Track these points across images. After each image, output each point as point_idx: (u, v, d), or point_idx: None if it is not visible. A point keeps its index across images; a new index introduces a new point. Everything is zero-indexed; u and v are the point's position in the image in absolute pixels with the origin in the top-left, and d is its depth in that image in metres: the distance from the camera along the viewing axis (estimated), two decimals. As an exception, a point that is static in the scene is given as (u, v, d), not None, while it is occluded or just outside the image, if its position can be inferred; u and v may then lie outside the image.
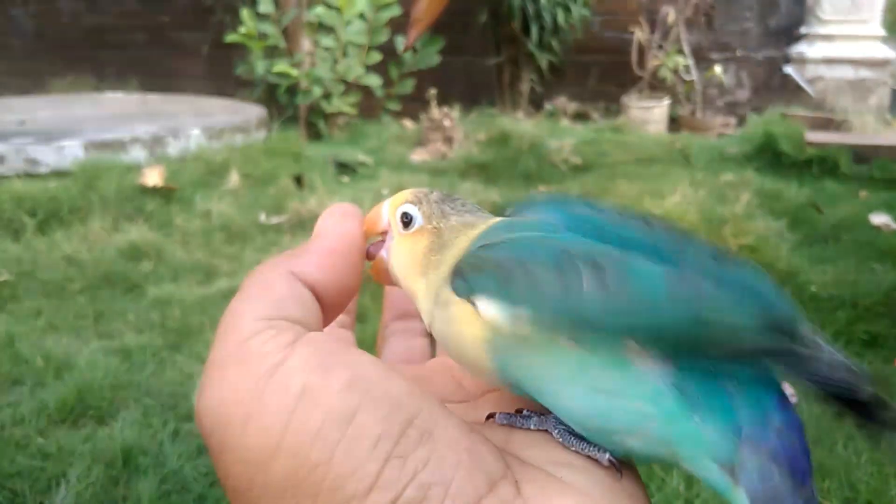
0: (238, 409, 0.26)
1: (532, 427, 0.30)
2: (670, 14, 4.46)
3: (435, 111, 3.78)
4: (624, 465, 0.29)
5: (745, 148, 3.45)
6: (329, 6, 4.01)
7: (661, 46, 4.52)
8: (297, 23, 4.06)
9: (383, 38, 4.12)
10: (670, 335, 0.26)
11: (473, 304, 0.29)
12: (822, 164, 3.18)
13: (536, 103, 4.93)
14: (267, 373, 0.26)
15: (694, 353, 0.26)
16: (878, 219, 2.52)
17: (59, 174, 2.88)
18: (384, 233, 0.36)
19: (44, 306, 2.10)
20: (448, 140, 3.73)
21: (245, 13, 3.89)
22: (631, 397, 0.27)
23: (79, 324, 2.02)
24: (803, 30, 4.61)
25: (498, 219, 0.35)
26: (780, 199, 2.71)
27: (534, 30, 4.47)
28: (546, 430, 0.30)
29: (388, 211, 0.36)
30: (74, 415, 1.57)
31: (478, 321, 0.29)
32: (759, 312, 0.26)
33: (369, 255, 0.36)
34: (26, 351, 1.82)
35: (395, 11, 4.05)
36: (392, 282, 0.36)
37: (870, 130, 3.60)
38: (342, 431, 0.25)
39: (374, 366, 0.27)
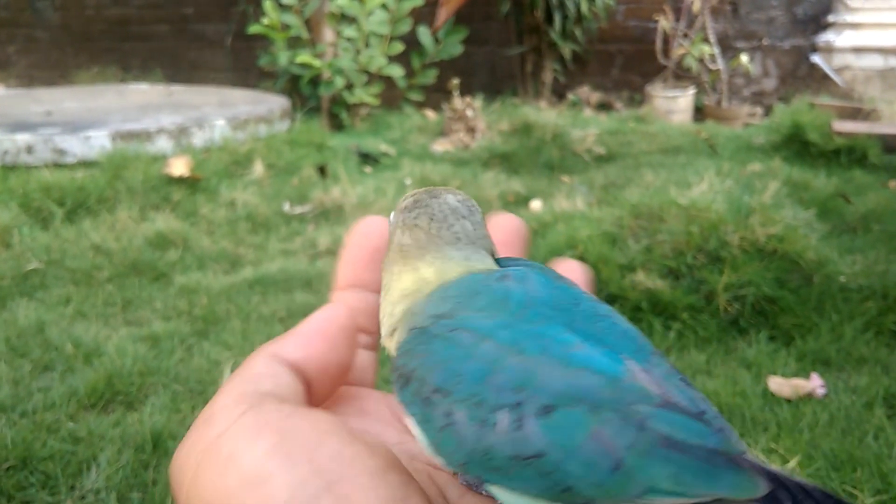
0: (184, 469, 0.28)
1: (483, 492, 0.30)
2: (695, 2, 4.40)
3: (457, 101, 3.77)
4: None
5: (773, 138, 3.40)
6: (352, -4, 4.01)
7: (685, 35, 4.47)
8: (319, 13, 4.06)
9: (405, 28, 4.12)
10: (584, 492, 0.24)
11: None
12: (850, 154, 3.14)
13: (559, 93, 4.90)
14: (212, 439, 0.28)
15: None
16: (909, 209, 2.48)
17: (86, 164, 2.91)
18: None
19: (73, 294, 2.13)
20: (470, 130, 3.72)
21: (268, 4, 3.89)
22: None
23: (107, 311, 2.05)
24: (831, 18, 4.54)
25: (467, 271, 0.32)
26: (809, 189, 2.68)
27: (557, 19, 4.43)
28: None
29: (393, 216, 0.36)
30: (104, 400, 1.59)
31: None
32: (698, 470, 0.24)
33: None
34: (56, 338, 1.84)
35: (418, 1, 4.04)
36: None
37: (900, 119, 3.54)
38: (254, 494, 0.26)
39: (311, 431, 0.27)
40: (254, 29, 3.97)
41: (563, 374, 0.25)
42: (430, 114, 4.41)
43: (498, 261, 0.34)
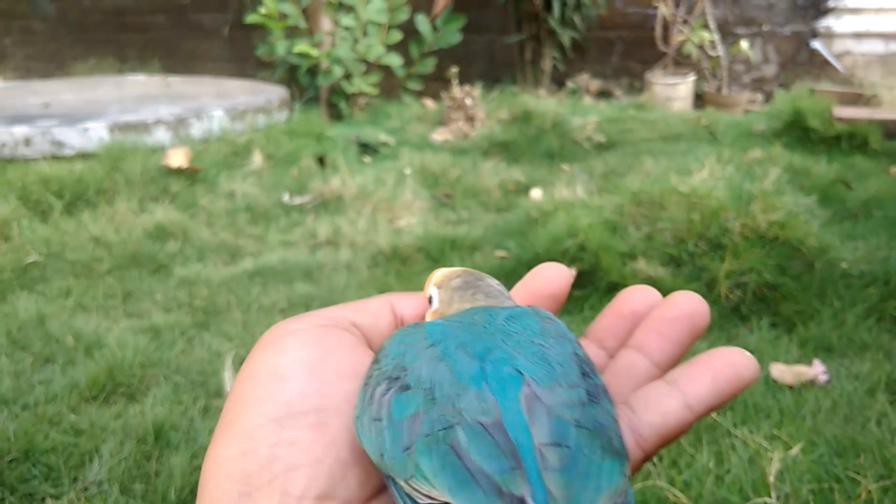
0: (256, 347, 0.36)
1: None
2: (695, -12, 4.38)
3: (456, 90, 3.75)
4: None
5: (773, 124, 3.39)
6: (349, -15, 3.98)
7: (685, 21, 4.45)
8: (317, 2, 4.04)
9: (403, 16, 4.10)
10: (387, 460, 0.29)
11: None
12: (851, 140, 3.12)
13: (559, 81, 4.88)
14: (280, 334, 0.35)
15: None
16: (910, 195, 2.47)
17: (84, 156, 2.90)
18: None
19: (73, 286, 2.12)
20: (470, 119, 3.71)
21: (265, -7, 3.87)
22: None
23: (107, 303, 2.04)
24: (831, 3, 4.52)
25: (470, 316, 0.35)
26: (810, 176, 2.67)
27: (556, 6, 4.41)
28: None
29: (430, 288, 0.40)
30: (105, 392, 1.59)
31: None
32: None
33: None
34: (57, 330, 1.84)
35: (416, -11, 4.01)
36: None
37: (901, 105, 3.53)
38: (269, 386, 0.33)
39: (349, 363, 0.34)
40: (251, 18, 3.95)
41: (434, 367, 0.30)
42: (429, 103, 4.40)
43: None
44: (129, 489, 1.30)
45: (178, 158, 2.81)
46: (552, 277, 0.40)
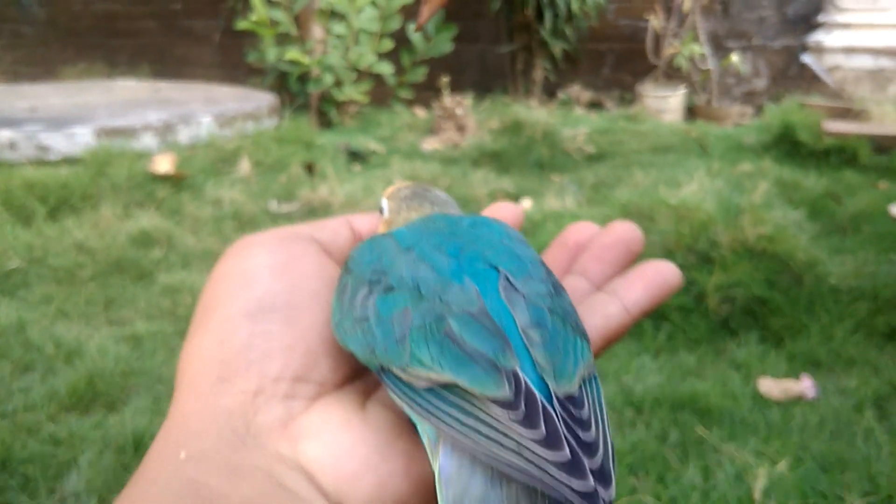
0: (226, 256, 0.39)
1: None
2: (686, 2, 4.40)
3: (447, 99, 3.74)
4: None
5: (763, 138, 3.40)
6: (341, -7, 3.98)
7: (676, 34, 4.47)
8: (308, 10, 4.03)
9: (395, 25, 4.09)
10: (378, 355, 0.31)
11: None
12: (840, 154, 3.13)
13: (550, 91, 4.89)
14: (248, 243, 0.39)
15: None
16: (899, 209, 2.47)
17: (70, 161, 2.87)
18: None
19: (54, 293, 2.09)
20: (460, 128, 3.70)
21: (256, 0, 3.86)
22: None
23: (89, 311, 2.01)
24: (821, 18, 4.54)
25: (420, 217, 0.39)
26: (799, 190, 2.67)
27: (547, 17, 4.42)
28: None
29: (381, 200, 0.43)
30: (85, 401, 1.57)
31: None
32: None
33: None
34: (37, 337, 1.81)
35: (408, -2, 4.01)
36: None
37: (889, 120, 3.54)
38: (240, 282, 0.36)
39: (313, 272, 0.38)
40: (242, 25, 3.94)
41: (415, 267, 0.32)
42: (420, 111, 4.39)
43: None
44: (106, 501, 1.28)
45: (164, 164, 2.79)
46: (507, 214, 0.45)
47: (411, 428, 0.32)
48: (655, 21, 4.43)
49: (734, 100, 4.70)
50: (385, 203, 0.42)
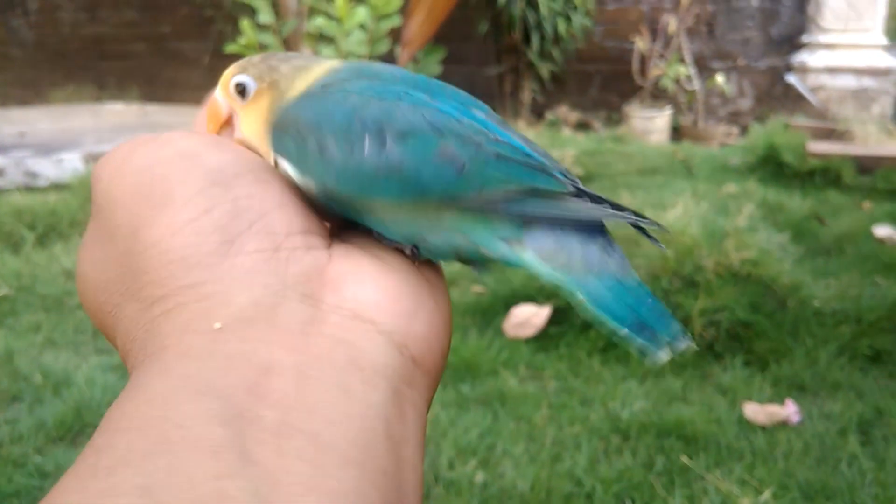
0: (119, 153, 0.33)
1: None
2: (671, 23, 4.45)
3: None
4: (429, 263, 0.34)
5: (748, 158, 3.44)
6: (329, 17, 4.01)
7: (662, 56, 4.52)
8: (297, 33, 4.05)
9: (384, 48, 4.12)
10: (432, 193, 0.32)
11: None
12: (824, 175, 3.17)
13: (538, 112, 4.93)
14: (159, 137, 0.33)
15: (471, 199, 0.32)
16: (882, 231, 2.50)
17: (58, 187, 2.87)
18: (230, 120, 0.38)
19: (43, 321, 2.09)
20: (449, 150, 3.73)
21: (245, 24, 3.88)
22: (442, 220, 0.33)
23: (78, 339, 2.01)
24: (805, 38, 4.61)
25: (338, 62, 0.37)
26: (783, 211, 2.70)
27: (535, 39, 4.46)
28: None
29: (222, 94, 0.37)
30: (73, 433, 1.56)
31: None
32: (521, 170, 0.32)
33: None
34: (25, 367, 1.81)
35: (396, 22, 4.04)
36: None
37: (872, 140, 3.59)
38: (183, 163, 0.31)
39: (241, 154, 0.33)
40: (231, 49, 3.96)
41: (416, 111, 0.32)
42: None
43: None
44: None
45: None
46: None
47: (430, 265, 0.34)
48: (641, 43, 4.48)
49: (719, 120, 4.75)
50: (244, 78, 0.36)
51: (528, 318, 1.93)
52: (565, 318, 1.93)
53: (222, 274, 0.28)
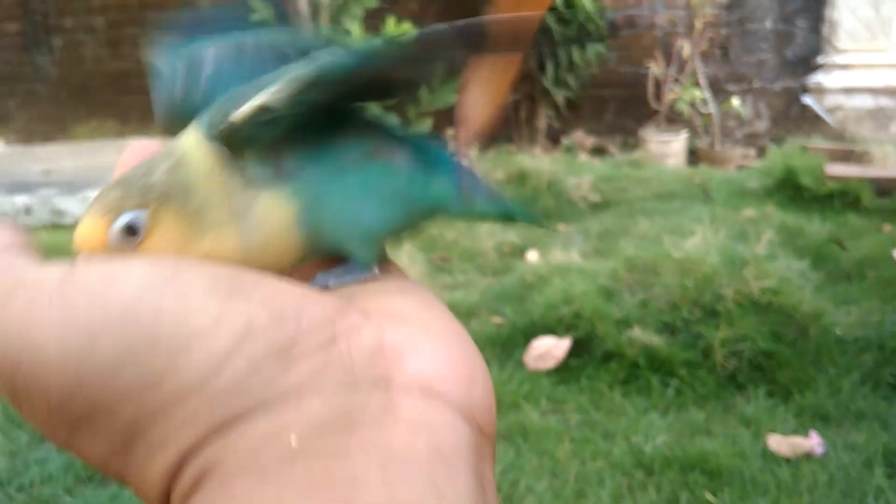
0: (40, 323, 0.24)
1: (348, 280, 0.32)
2: (685, 48, 4.48)
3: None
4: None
5: (766, 181, 3.43)
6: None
7: (677, 80, 4.54)
8: (315, 66, 4.12)
9: (400, 78, 4.18)
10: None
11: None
12: (843, 198, 3.16)
13: (554, 138, 4.95)
14: (57, 284, 0.24)
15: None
16: (903, 254, 2.49)
17: (84, 224, 2.93)
18: None
19: (70, 359, 2.12)
20: (466, 179, 3.75)
21: (265, 59, 3.96)
22: (399, 187, 0.33)
23: (104, 377, 2.04)
24: (820, 59, 4.61)
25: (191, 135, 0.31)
26: (802, 236, 2.69)
27: (549, 67, 4.50)
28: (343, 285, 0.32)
29: (95, 254, 0.28)
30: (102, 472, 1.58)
31: (282, 201, 0.30)
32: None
33: None
34: (53, 406, 1.83)
35: (412, 53, 4.10)
36: None
37: (891, 162, 3.57)
38: (164, 290, 0.24)
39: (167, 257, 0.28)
40: (250, 83, 4.03)
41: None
42: (426, 162, 4.46)
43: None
44: (122, 577, 1.29)
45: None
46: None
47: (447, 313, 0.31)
48: (656, 67, 4.51)
49: (736, 142, 4.76)
50: (129, 217, 0.28)
51: (549, 349, 1.93)
52: (586, 350, 1.93)
53: (288, 385, 0.25)
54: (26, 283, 0.25)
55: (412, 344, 0.27)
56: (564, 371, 1.90)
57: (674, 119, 4.56)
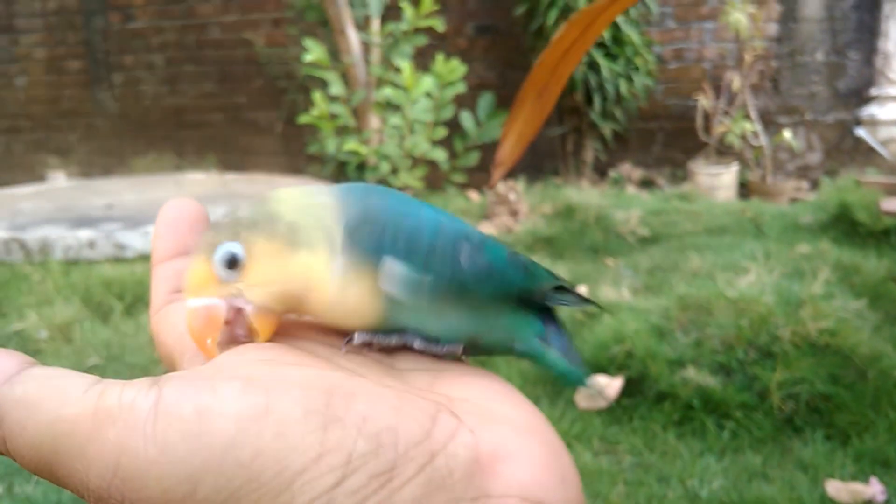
0: (137, 458, 0.24)
1: (393, 342, 0.33)
2: (735, 80, 4.45)
3: (500, 185, 3.83)
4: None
5: (820, 216, 3.38)
6: (396, 86, 4.15)
7: (726, 112, 4.51)
8: (366, 103, 4.21)
9: (448, 114, 4.24)
10: (512, 290, 0.36)
11: (376, 263, 0.32)
12: (900, 234, 3.09)
13: (601, 170, 4.95)
14: (148, 418, 0.24)
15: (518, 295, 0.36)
16: (965, 294, 2.42)
17: (144, 258, 3.03)
18: (231, 319, 0.32)
19: (131, 391, 2.19)
20: (513, 213, 3.77)
21: (317, 96, 4.06)
22: (499, 319, 0.36)
23: (164, 409, 2.10)
24: (874, 91, 4.54)
25: (315, 191, 0.34)
26: (859, 274, 2.64)
27: (596, 100, 4.52)
28: (407, 347, 0.34)
29: (209, 294, 0.31)
30: None
31: (374, 279, 0.32)
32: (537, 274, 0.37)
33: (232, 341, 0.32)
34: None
35: (461, 89, 4.16)
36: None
37: (950, 196, 3.49)
38: (261, 426, 0.24)
39: (261, 362, 0.28)
40: (304, 119, 4.13)
41: (465, 226, 0.35)
42: (474, 195, 4.49)
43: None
44: None
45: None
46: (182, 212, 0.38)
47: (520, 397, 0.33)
48: (705, 100, 4.49)
49: (789, 175, 4.69)
50: (231, 248, 0.31)
51: (601, 389, 1.93)
52: (638, 390, 1.92)
53: None
54: (113, 414, 0.25)
55: (505, 450, 0.27)
56: (616, 411, 1.90)
57: (724, 151, 4.53)
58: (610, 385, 1.94)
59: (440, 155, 4.29)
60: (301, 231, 0.32)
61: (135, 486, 0.24)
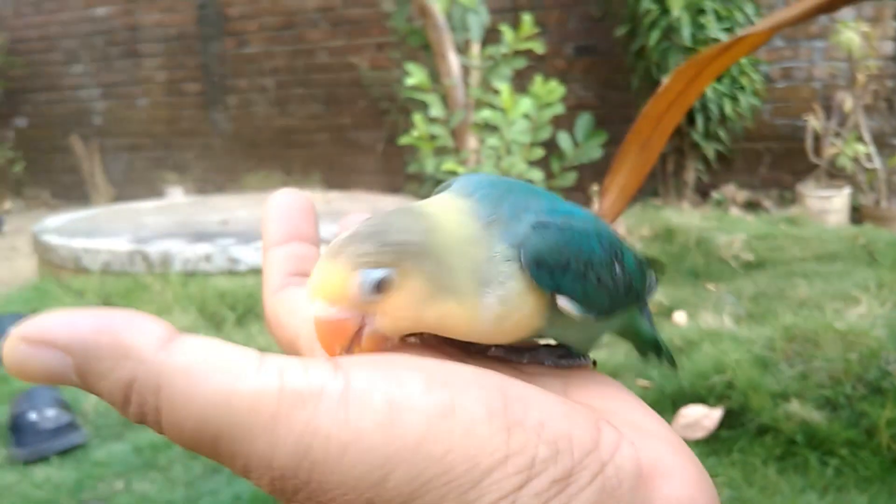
0: (329, 442, 0.25)
1: (525, 361, 0.35)
2: (847, 100, 4.28)
3: (596, 206, 3.81)
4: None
5: (939, 244, 3.20)
6: (495, 108, 4.21)
7: (837, 133, 4.33)
8: (464, 124, 4.29)
9: (545, 135, 4.26)
10: (641, 295, 0.39)
11: (554, 294, 0.32)
12: None
13: (702, 192, 4.84)
14: (340, 403, 0.25)
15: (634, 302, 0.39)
16: None
17: (256, 272, 3.19)
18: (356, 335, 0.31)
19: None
20: (612, 235, 3.74)
21: (418, 118, 4.17)
22: (623, 316, 0.39)
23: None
24: None
25: (452, 198, 0.34)
26: (982, 307, 2.49)
27: (699, 120, 4.44)
28: (539, 363, 0.35)
29: (344, 305, 0.30)
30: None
31: (538, 298, 0.32)
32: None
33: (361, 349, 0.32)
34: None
35: (559, 110, 4.18)
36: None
37: None
38: (450, 423, 0.25)
39: (432, 361, 0.28)
40: (404, 140, 4.25)
41: (604, 230, 0.35)
42: (571, 215, 4.48)
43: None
44: None
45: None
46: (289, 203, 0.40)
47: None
48: (815, 121, 4.33)
49: (905, 199, 4.46)
50: (381, 273, 0.30)
51: (699, 419, 1.90)
52: (738, 422, 1.89)
53: None
54: (304, 395, 0.25)
55: (663, 465, 0.28)
56: (715, 442, 1.87)
57: (835, 174, 4.35)
58: (708, 416, 1.91)
59: (537, 175, 4.31)
60: (454, 275, 0.31)
61: (325, 469, 0.24)
